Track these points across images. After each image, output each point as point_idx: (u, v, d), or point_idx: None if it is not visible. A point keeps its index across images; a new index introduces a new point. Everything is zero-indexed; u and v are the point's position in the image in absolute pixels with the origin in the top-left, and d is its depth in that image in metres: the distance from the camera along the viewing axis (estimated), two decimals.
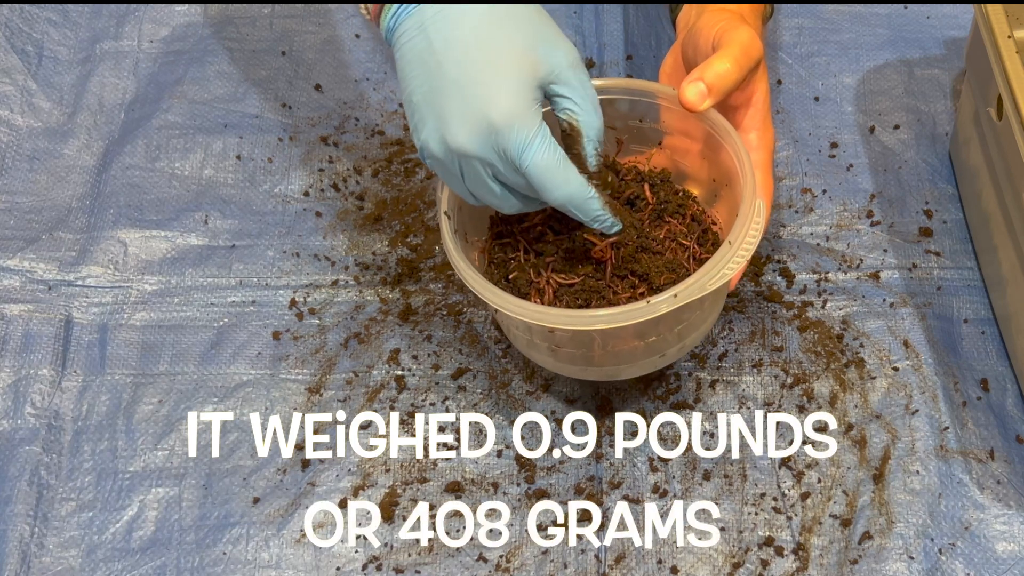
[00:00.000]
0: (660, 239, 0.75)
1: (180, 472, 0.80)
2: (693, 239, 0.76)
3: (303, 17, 1.01)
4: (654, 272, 0.73)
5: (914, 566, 0.75)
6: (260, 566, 0.77)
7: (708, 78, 0.70)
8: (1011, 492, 0.77)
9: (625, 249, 0.74)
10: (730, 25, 0.72)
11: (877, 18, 0.99)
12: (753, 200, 0.71)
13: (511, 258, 0.76)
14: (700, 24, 0.74)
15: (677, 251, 0.76)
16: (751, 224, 0.70)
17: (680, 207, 0.77)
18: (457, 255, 0.71)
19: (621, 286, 0.74)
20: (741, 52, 0.70)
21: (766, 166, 0.75)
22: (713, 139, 0.75)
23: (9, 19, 1.01)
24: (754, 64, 0.72)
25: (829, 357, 0.83)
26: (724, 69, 0.70)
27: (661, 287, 0.72)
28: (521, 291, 0.74)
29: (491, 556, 0.76)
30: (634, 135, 0.80)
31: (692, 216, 0.77)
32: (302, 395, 0.83)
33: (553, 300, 0.74)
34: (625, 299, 0.73)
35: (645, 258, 0.74)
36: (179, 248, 0.89)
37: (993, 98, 0.76)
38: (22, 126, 0.96)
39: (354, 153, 0.93)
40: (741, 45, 0.71)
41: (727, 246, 0.69)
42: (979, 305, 0.84)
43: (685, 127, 0.77)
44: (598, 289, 0.74)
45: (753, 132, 0.75)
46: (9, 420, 0.82)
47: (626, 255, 0.74)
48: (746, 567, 0.75)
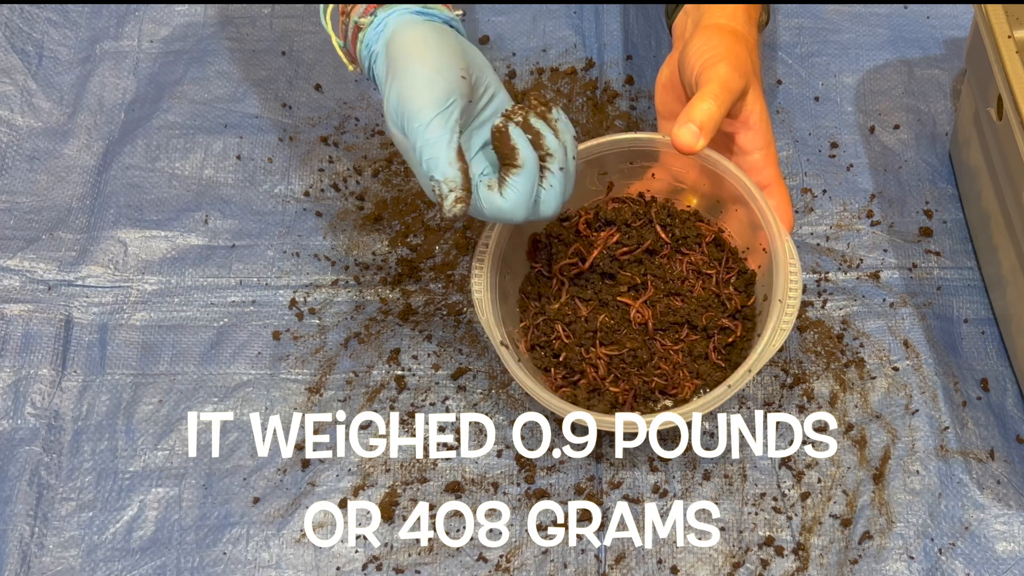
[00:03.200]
0: (685, 276, 0.78)
1: (180, 472, 0.80)
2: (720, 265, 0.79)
3: (303, 17, 1.01)
4: (693, 315, 0.77)
5: (914, 566, 0.75)
6: (260, 566, 0.77)
7: (697, 119, 0.71)
8: (1011, 492, 0.77)
9: (659, 304, 0.77)
10: (710, 61, 0.73)
11: (877, 18, 0.99)
12: (783, 245, 0.73)
13: (553, 338, 0.78)
14: (690, 48, 0.75)
15: (704, 282, 0.78)
16: (788, 271, 0.72)
17: (698, 236, 0.79)
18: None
19: (666, 336, 0.77)
20: (720, 88, 0.72)
21: (777, 181, 0.77)
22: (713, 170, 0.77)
23: (9, 19, 1.01)
24: (736, 96, 0.73)
25: (829, 357, 0.83)
26: (708, 108, 0.71)
27: (705, 328, 0.76)
28: (574, 369, 0.76)
29: (491, 556, 0.76)
30: (624, 174, 0.81)
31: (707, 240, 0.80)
32: (302, 395, 0.83)
33: (608, 371, 0.76)
34: (674, 349, 0.76)
35: (679, 303, 0.77)
36: (179, 248, 0.89)
37: (993, 98, 0.76)
38: (22, 126, 0.96)
39: (354, 153, 0.93)
40: (720, 82, 0.72)
41: (778, 304, 0.71)
42: (979, 305, 0.84)
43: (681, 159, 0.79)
44: (648, 345, 0.76)
45: (757, 152, 0.76)
46: (9, 420, 0.82)
47: (662, 308, 0.77)
48: (746, 567, 0.75)
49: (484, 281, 0.75)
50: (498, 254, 0.77)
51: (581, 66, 0.97)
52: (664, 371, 0.76)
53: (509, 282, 0.80)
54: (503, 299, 0.78)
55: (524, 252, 0.81)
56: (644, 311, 0.77)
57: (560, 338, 0.77)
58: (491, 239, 0.76)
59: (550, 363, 0.77)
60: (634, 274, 0.78)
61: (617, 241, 0.79)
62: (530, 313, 0.79)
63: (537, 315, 0.79)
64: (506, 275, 0.78)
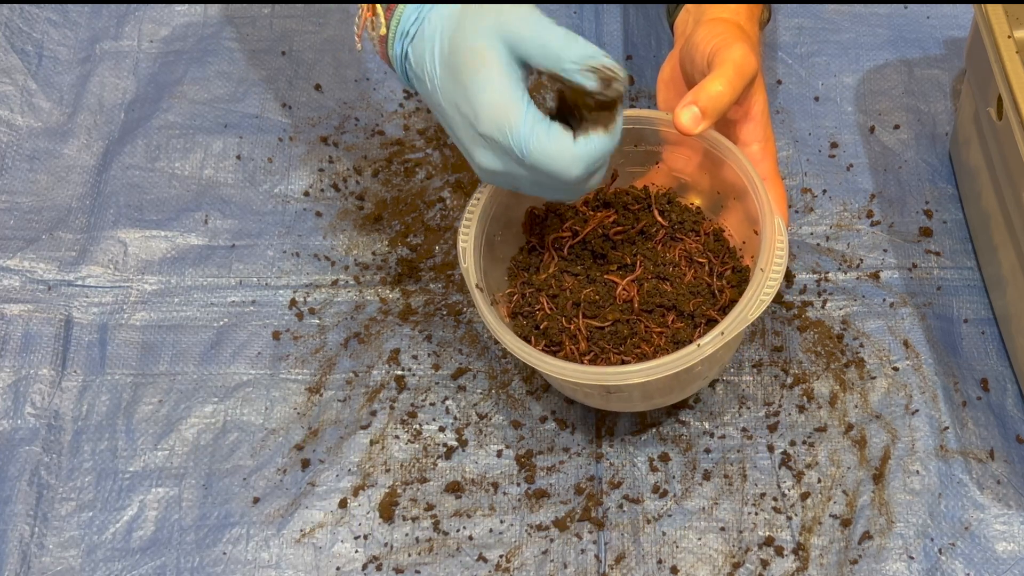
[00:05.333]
0: (676, 262, 0.77)
1: (180, 472, 0.80)
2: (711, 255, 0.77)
3: (303, 17, 1.01)
4: (680, 300, 0.75)
5: (914, 566, 0.75)
6: (260, 566, 0.77)
7: (702, 101, 0.70)
8: (1011, 492, 0.77)
9: (647, 284, 0.75)
10: (724, 42, 0.72)
11: (877, 18, 0.99)
12: (772, 220, 0.72)
13: (536, 308, 0.77)
14: (696, 38, 0.74)
15: (696, 270, 0.77)
16: (775, 245, 0.71)
17: (695, 224, 0.78)
18: (501, 329, 0.71)
19: (651, 319, 0.75)
20: (735, 72, 0.70)
21: (773, 176, 0.76)
22: (713, 153, 0.75)
23: (9, 19, 1.01)
24: (748, 82, 0.72)
25: (829, 357, 0.83)
26: (717, 91, 0.70)
27: (691, 313, 0.74)
28: (553, 339, 0.75)
29: (491, 556, 0.76)
30: (629, 158, 0.80)
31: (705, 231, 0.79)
32: (302, 395, 0.83)
33: (588, 345, 0.74)
34: (658, 332, 0.74)
35: (667, 288, 0.76)
36: (179, 248, 0.90)
37: (993, 98, 0.76)
38: (22, 126, 0.96)
39: (354, 153, 0.93)
40: (735, 64, 0.70)
41: (759, 273, 0.70)
42: (979, 305, 0.84)
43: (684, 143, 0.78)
44: (631, 325, 0.75)
45: (755, 144, 0.76)
46: (9, 420, 0.82)
47: (649, 289, 0.75)
48: (746, 567, 0.75)
49: (471, 232, 0.74)
50: (490, 210, 0.76)
51: None
52: (644, 352, 0.74)
53: (499, 246, 0.78)
54: (492, 264, 0.77)
55: (520, 224, 0.80)
56: (631, 288, 0.75)
57: (543, 309, 0.76)
58: (484, 194, 0.75)
59: (531, 332, 0.76)
60: (625, 254, 0.77)
61: (613, 222, 0.78)
62: (517, 282, 0.78)
63: (524, 285, 0.78)
64: (496, 236, 0.77)
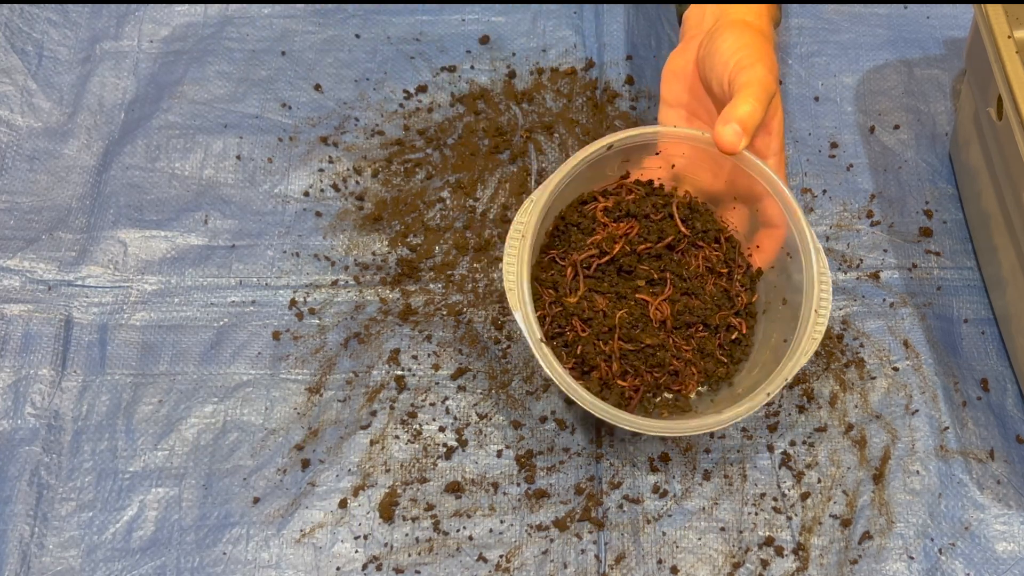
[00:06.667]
0: (700, 272, 0.78)
1: (180, 472, 0.80)
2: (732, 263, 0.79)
3: (303, 17, 1.01)
4: (708, 314, 0.77)
5: (914, 566, 0.75)
6: (260, 566, 0.77)
7: (740, 118, 0.71)
8: (1011, 492, 0.77)
9: (678, 303, 0.77)
10: (746, 61, 0.73)
11: (877, 18, 0.99)
12: (816, 268, 0.73)
13: (567, 329, 0.77)
14: (718, 43, 0.75)
15: (716, 280, 0.78)
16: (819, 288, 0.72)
17: (717, 231, 0.79)
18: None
19: (679, 336, 0.77)
20: (762, 90, 0.72)
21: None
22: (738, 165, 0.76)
23: (9, 19, 1.01)
24: (770, 100, 0.73)
25: (829, 357, 0.83)
26: (749, 110, 0.71)
27: (718, 327, 0.77)
28: (589, 363, 0.76)
29: (491, 556, 0.76)
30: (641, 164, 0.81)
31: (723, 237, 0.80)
32: (302, 395, 0.83)
33: (621, 364, 0.76)
34: (686, 348, 0.76)
35: (696, 303, 0.77)
36: (179, 248, 0.89)
37: (993, 98, 0.76)
38: (22, 126, 0.96)
39: (354, 153, 0.93)
40: (761, 84, 0.72)
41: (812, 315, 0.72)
42: (979, 305, 0.84)
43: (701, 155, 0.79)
44: (663, 345, 0.76)
45: (771, 159, 0.76)
46: (9, 420, 0.82)
47: (680, 308, 0.77)
48: (746, 567, 0.75)
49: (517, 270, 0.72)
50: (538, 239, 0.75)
51: (581, 66, 0.97)
52: (676, 367, 0.76)
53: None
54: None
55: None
56: (664, 308, 0.77)
57: (576, 331, 0.77)
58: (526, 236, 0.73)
59: (561, 354, 0.77)
60: (652, 269, 0.78)
61: (637, 234, 0.79)
62: (545, 303, 0.78)
63: (552, 305, 0.78)
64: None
